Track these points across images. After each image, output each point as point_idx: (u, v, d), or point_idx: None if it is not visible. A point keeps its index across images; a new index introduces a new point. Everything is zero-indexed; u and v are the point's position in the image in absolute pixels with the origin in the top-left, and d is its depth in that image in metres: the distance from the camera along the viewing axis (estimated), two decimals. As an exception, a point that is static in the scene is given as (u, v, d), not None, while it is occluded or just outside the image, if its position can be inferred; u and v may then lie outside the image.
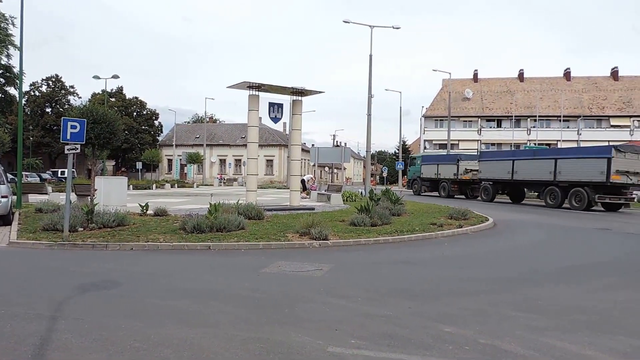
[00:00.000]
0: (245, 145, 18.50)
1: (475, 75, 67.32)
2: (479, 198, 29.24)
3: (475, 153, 39.19)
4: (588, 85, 62.86)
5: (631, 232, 13.57)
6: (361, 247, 10.31)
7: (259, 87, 17.44)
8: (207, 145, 62.20)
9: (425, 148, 63.47)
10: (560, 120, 56.89)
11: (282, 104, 18.13)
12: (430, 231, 12.22)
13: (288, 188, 20.66)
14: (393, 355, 4.02)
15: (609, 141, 56.48)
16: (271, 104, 17.96)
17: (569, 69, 64.86)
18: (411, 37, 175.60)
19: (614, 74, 63.47)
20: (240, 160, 63.74)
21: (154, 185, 39.29)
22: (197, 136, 69.06)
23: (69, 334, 4.43)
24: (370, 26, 29.35)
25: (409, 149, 77.27)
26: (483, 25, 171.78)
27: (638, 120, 58.02)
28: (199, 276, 7.27)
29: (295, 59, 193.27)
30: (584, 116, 59.00)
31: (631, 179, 21.35)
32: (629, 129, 57.38)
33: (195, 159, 55.34)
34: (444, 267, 8.40)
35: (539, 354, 4.09)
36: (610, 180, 20.89)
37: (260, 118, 19.02)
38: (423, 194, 34.72)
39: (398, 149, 59.28)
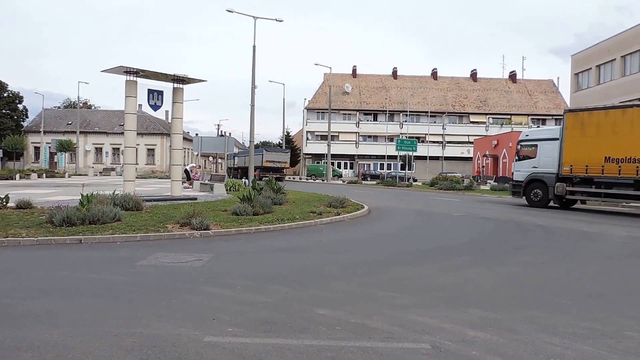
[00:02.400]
0: (123, 133, 17.44)
1: (354, 70, 70.27)
2: (238, 177, 44.60)
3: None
4: (452, 85, 69.01)
5: (487, 216, 15.27)
6: (243, 236, 10.33)
7: (137, 73, 16.50)
8: (81, 132, 57.53)
9: (307, 139, 64.90)
10: (428, 116, 61.73)
11: (162, 92, 17.35)
12: (310, 219, 12.62)
13: (170, 178, 19.90)
14: (269, 340, 4.15)
15: (468, 135, 62.83)
16: (150, 91, 17.10)
17: (436, 69, 70.61)
18: (294, 31, 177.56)
19: (473, 75, 70.41)
20: (118, 149, 59.84)
21: (18, 175, 35.34)
22: (70, 122, 63.24)
23: None
24: (253, 17, 29.25)
25: (293, 140, 78.33)
26: (361, 23, 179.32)
27: (492, 118, 65.06)
28: (67, 272, 6.76)
29: (178, 47, 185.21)
30: (448, 112, 64.74)
31: (276, 165, 45.62)
32: (485, 125, 64.13)
33: (67, 147, 50.76)
34: (322, 253, 8.77)
35: (402, 329, 4.50)
36: (263, 165, 44.20)
37: (140, 105, 18.07)
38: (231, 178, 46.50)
39: (282, 140, 59.82)
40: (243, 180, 29.97)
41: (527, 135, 22.07)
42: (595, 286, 6.45)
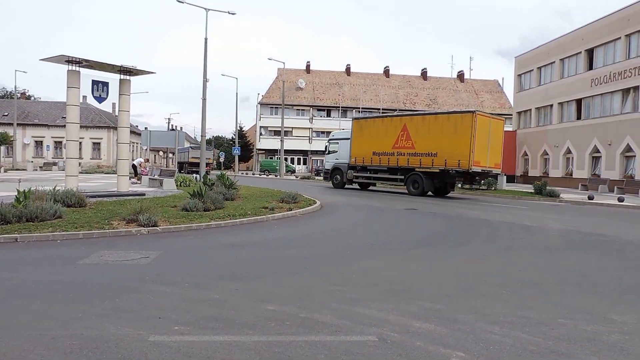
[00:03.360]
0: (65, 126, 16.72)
1: (308, 66, 70.24)
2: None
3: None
4: (403, 83, 70.30)
5: (433, 211, 15.69)
6: (192, 233, 10.14)
7: (80, 63, 15.81)
8: (19, 124, 54.69)
9: (261, 134, 64.42)
10: (380, 112, 62.66)
11: (107, 83, 16.73)
12: (261, 215, 12.55)
13: (116, 173, 19.25)
14: (217, 337, 4.10)
15: (420, 133, 64.22)
16: (95, 82, 16.44)
17: (388, 67, 71.61)
18: (248, 25, 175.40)
19: (424, 74, 71.99)
20: (61, 142, 57.19)
21: (-54, 170, 33.06)
22: (6, 114, 59.83)
23: None
24: (205, 9, 28.70)
25: (246, 135, 77.54)
26: (315, 17, 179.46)
27: (443, 115, 66.89)
28: (1, 273, 6.41)
29: (128, 38, 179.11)
30: (399, 110, 65.90)
31: (197, 161, 42.67)
32: (435, 123, 65.84)
33: (3, 140, 48.05)
34: (273, 248, 8.74)
35: (350, 322, 4.56)
36: (190, 160, 52.13)
37: (84, 97, 17.34)
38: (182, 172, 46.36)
39: (235, 135, 59.09)
40: (194, 175, 29.43)
41: (333, 136, 30.38)
42: (533, 277, 6.77)
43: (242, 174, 53.82)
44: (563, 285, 6.34)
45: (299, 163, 65.39)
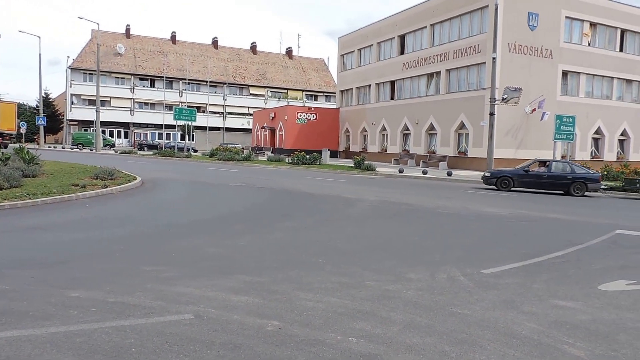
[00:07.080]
0: None
1: (128, 30, 64.60)
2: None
3: None
4: (232, 56, 69.33)
5: (262, 186, 15.91)
6: (-21, 216, 8.64)
7: None
8: None
9: (72, 103, 57.69)
10: (208, 85, 61.05)
11: None
12: (70, 193, 11.26)
13: None
14: (2, 334, 3.53)
15: (248, 107, 64.50)
16: None
17: (216, 38, 69.69)
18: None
19: (253, 48, 71.97)
20: None
21: None
22: None
23: None
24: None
25: (54, 103, 68.65)
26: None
27: (271, 91, 67.96)
28: None
29: None
30: (229, 83, 65.10)
31: None
32: (264, 98, 66.65)
33: None
34: (81, 229, 7.90)
35: (165, 303, 4.34)
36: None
37: None
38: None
39: (39, 102, 51.79)
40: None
41: None
42: (347, 245, 7.30)
43: (50, 147, 47.63)
44: (373, 251, 6.96)
45: (119, 136, 60.36)
